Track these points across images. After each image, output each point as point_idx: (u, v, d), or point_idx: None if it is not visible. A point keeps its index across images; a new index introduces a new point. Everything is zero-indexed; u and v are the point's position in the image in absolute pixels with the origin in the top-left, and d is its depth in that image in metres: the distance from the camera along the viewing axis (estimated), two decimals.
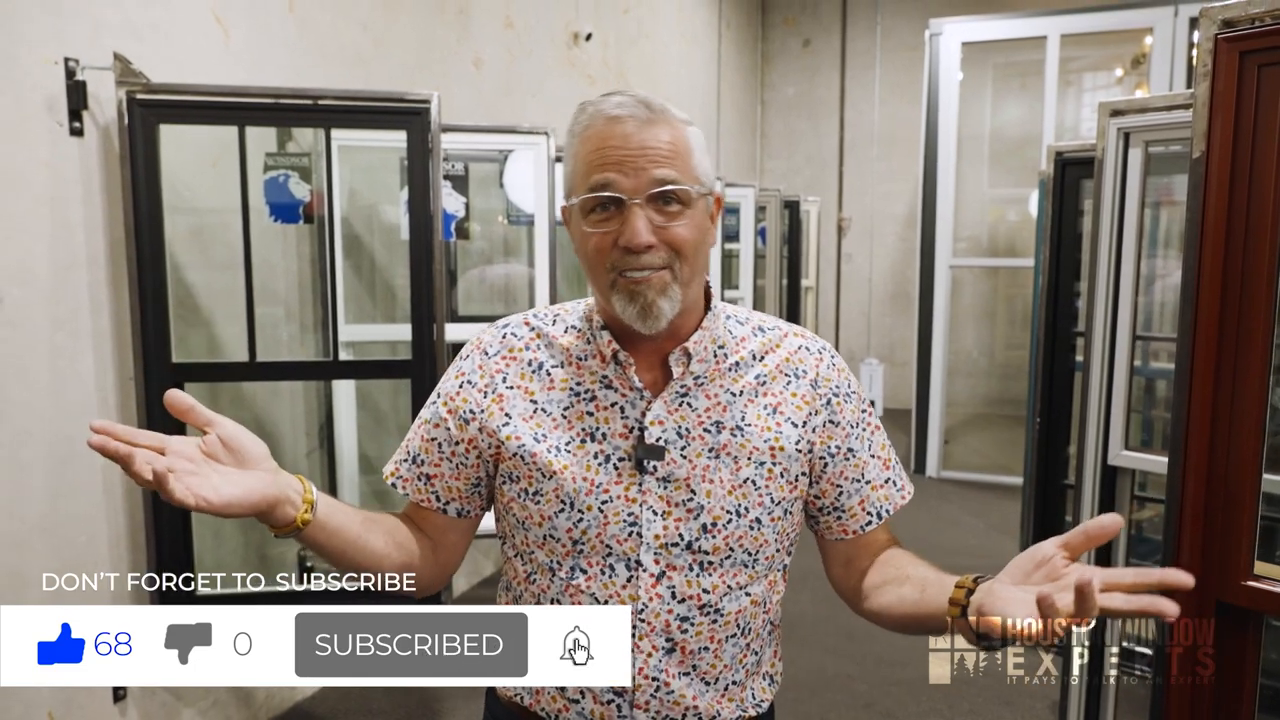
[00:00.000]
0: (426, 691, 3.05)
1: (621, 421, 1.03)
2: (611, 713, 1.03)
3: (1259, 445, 1.10)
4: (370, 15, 3.18)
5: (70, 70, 2.06)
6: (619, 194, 0.96)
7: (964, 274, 6.92)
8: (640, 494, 1.01)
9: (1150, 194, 2.97)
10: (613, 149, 0.96)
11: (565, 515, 1.01)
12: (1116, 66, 6.45)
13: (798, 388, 1.07)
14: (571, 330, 1.08)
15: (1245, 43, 1.08)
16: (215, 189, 2.46)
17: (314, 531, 0.95)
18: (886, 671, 3.18)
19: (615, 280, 0.98)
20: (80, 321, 2.14)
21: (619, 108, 0.98)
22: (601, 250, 0.98)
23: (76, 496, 2.15)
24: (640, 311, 0.97)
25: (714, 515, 1.02)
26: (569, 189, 1.02)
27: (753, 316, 1.13)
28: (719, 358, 1.06)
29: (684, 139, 0.99)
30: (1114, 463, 2.06)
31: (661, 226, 0.97)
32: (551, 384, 1.06)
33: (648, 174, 0.96)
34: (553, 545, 1.03)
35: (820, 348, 1.11)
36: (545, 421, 1.04)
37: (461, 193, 3.00)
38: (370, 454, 3.31)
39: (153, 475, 0.79)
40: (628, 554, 1.01)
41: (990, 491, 5.71)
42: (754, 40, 8.67)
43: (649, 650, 1.01)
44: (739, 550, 1.03)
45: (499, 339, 1.09)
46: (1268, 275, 1.08)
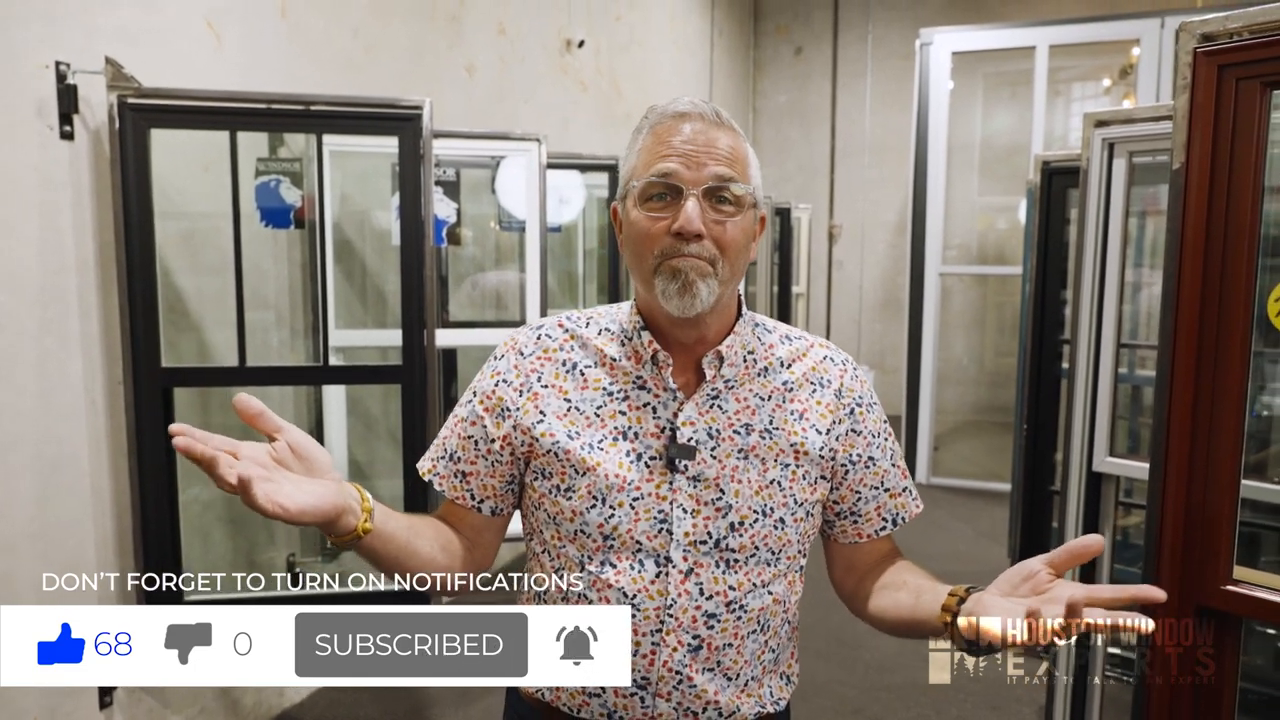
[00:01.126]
0: (416, 697, 3.04)
1: (654, 421, 1.06)
2: (634, 704, 1.05)
3: (1238, 451, 1.12)
4: (362, 21, 3.19)
5: (61, 74, 2.06)
6: (679, 183, 1.00)
7: (954, 281, 6.96)
8: (671, 492, 1.04)
9: (1136, 203, 3.00)
10: (679, 142, 1.01)
11: (597, 510, 1.04)
12: (1104, 77, 6.51)
13: (822, 396, 1.12)
14: (605, 333, 1.12)
15: (1224, 56, 1.10)
16: (206, 194, 2.46)
17: (371, 540, 0.96)
18: (876, 677, 3.19)
19: (659, 265, 1.01)
20: (69, 326, 2.14)
21: (689, 106, 1.04)
22: (652, 236, 1.01)
23: (64, 501, 2.14)
24: (680, 288, 1.00)
25: (741, 514, 1.05)
26: (626, 180, 1.06)
27: (779, 326, 1.18)
28: (748, 363, 1.10)
29: (744, 149, 1.05)
30: (1099, 469, 2.08)
31: (714, 222, 1.01)
32: (585, 383, 1.09)
33: (708, 169, 1.01)
34: (584, 540, 1.05)
35: (844, 359, 1.16)
36: (579, 419, 1.07)
37: (453, 199, 3.01)
38: (361, 459, 3.31)
39: (236, 480, 0.79)
40: (657, 550, 1.03)
41: (979, 498, 5.73)
42: (746, 48, 8.71)
43: (674, 645, 1.04)
44: (764, 549, 1.06)
45: (534, 340, 1.12)
46: (1245, 284, 1.09)
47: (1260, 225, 1.10)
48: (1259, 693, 2.19)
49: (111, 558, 2.26)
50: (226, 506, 2.70)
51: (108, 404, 2.23)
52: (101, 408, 2.22)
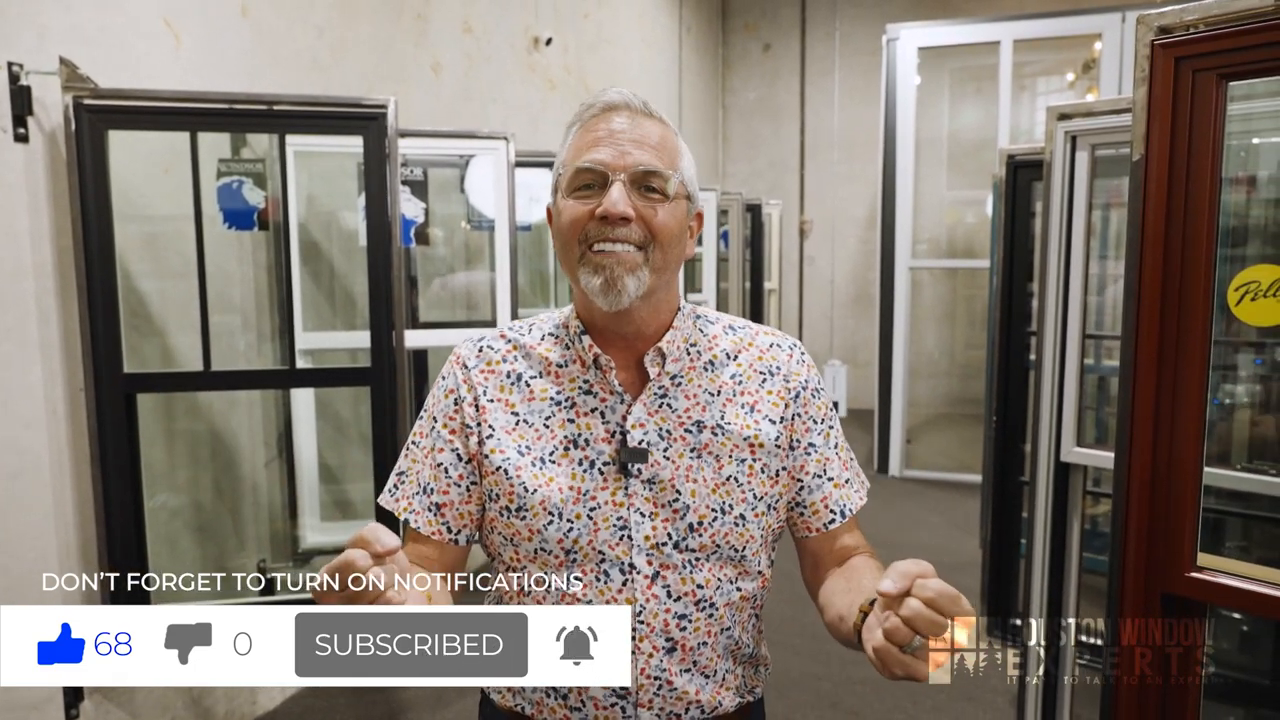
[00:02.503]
0: (392, 701, 3.02)
1: (603, 426, 1.04)
2: (616, 715, 1.04)
3: (1200, 439, 1.13)
4: (327, 20, 3.15)
5: (14, 75, 2.01)
6: (604, 169, 0.99)
7: (924, 275, 7.01)
8: (626, 497, 1.03)
9: (1101, 196, 3.04)
10: (606, 132, 1.01)
11: (555, 526, 1.02)
12: (1068, 71, 6.59)
13: (773, 385, 1.10)
14: (549, 338, 1.10)
15: (1181, 48, 1.11)
16: (168, 196, 2.42)
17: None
18: (851, 670, 3.21)
19: (584, 254, 1.00)
20: (27, 331, 2.09)
21: (618, 97, 1.03)
22: (577, 222, 1.00)
23: (26, 510, 2.10)
24: (604, 284, 0.99)
25: (700, 514, 1.03)
26: (558, 173, 1.05)
27: (722, 317, 1.16)
28: (692, 356, 1.09)
29: (673, 141, 1.04)
30: (1066, 459, 2.10)
31: (643, 206, 0.99)
32: (531, 394, 1.06)
33: (633, 156, 1.00)
34: (545, 558, 1.03)
35: (791, 344, 1.15)
36: (528, 433, 1.05)
37: (421, 198, 2.98)
38: (331, 463, 3.27)
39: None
40: (620, 558, 1.02)
41: (952, 490, 5.78)
42: (715, 45, 8.72)
43: (650, 651, 1.03)
44: (725, 546, 1.04)
45: (475, 353, 1.10)
46: (1205, 273, 1.11)
47: (1219, 215, 1.11)
48: (1225, 676, 2.23)
49: (75, 568, 2.21)
50: (194, 513, 2.66)
51: (69, 411, 2.18)
52: (62, 415, 2.17)
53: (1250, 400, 2.33)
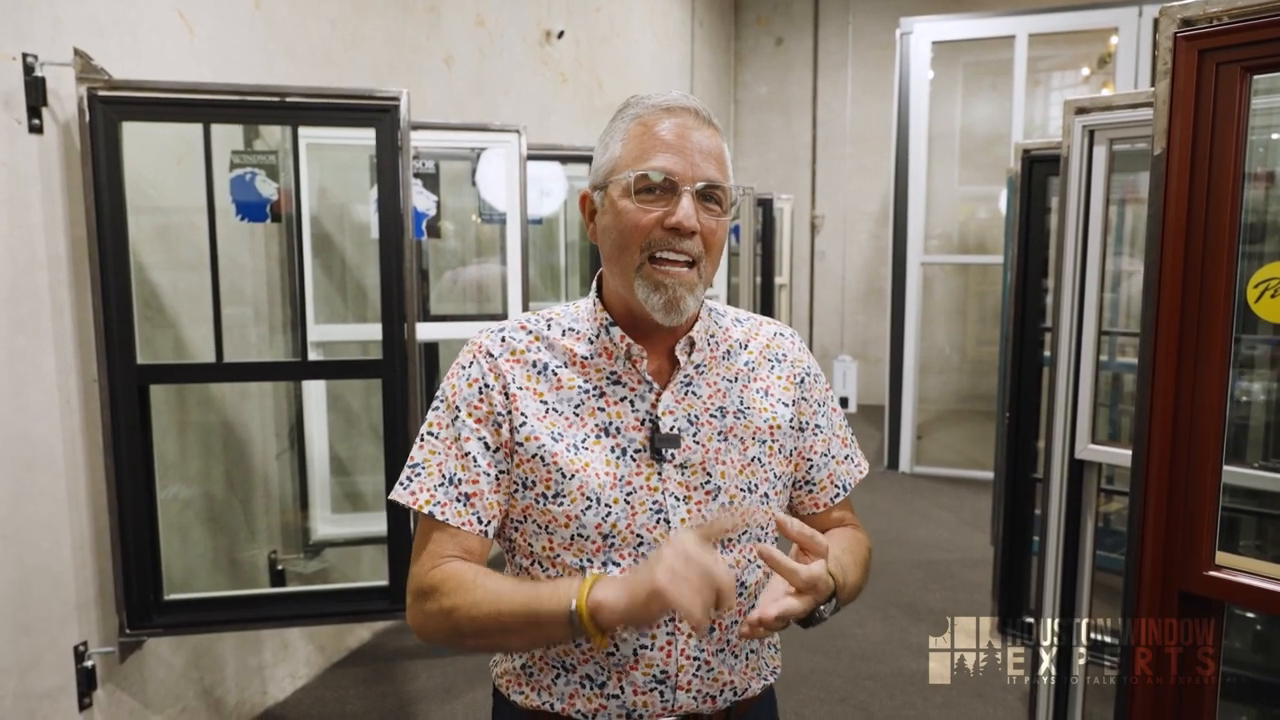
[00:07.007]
0: (401, 693, 3.03)
1: (633, 414, 1.07)
2: (654, 700, 1.05)
3: (1220, 437, 1.12)
4: (339, 12, 3.15)
5: (29, 66, 2.01)
6: (675, 179, 1.00)
7: (935, 271, 6.98)
8: (661, 482, 1.05)
9: (1116, 191, 3.01)
10: (673, 137, 1.01)
11: (593, 511, 1.02)
12: (1083, 65, 6.54)
13: (781, 370, 1.16)
14: (570, 333, 1.10)
15: (1204, 41, 1.10)
16: (180, 187, 2.43)
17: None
18: (861, 666, 3.21)
19: (643, 264, 1.02)
20: (41, 323, 2.10)
21: (684, 100, 1.04)
22: (642, 228, 1.01)
23: (39, 501, 2.11)
24: (666, 303, 1.02)
25: (730, 495, 1.07)
26: (610, 169, 1.05)
27: (729, 309, 1.21)
28: (712, 346, 1.13)
29: (725, 150, 1.06)
30: (1081, 456, 2.08)
31: (704, 220, 1.02)
32: (559, 383, 1.07)
33: (701, 169, 1.01)
34: (581, 544, 1.03)
35: (791, 333, 1.21)
36: (559, 421, 1.05)
37: (433, 191, 2.98)
38: (342, 455, 3.28)
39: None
40: (658, 541, 1.03)
41: (963, 486, 5.76)
42: (727, 39, 8.69)
43: (689, 631, 1.04)
44: (754, 525, 1.09)
45: (498, 341, 1.09)
46: (1227, 269, 1.09)
47: (1241, 211, 1.10)
48: (1238, 675, 2.21)
49: (88, 559, 2.23)
50: (206, 504, 2.67)
51: (82, 402, 2.19)
52: (76, 406, 2.18)
53: (1267, 398, 2.31)
